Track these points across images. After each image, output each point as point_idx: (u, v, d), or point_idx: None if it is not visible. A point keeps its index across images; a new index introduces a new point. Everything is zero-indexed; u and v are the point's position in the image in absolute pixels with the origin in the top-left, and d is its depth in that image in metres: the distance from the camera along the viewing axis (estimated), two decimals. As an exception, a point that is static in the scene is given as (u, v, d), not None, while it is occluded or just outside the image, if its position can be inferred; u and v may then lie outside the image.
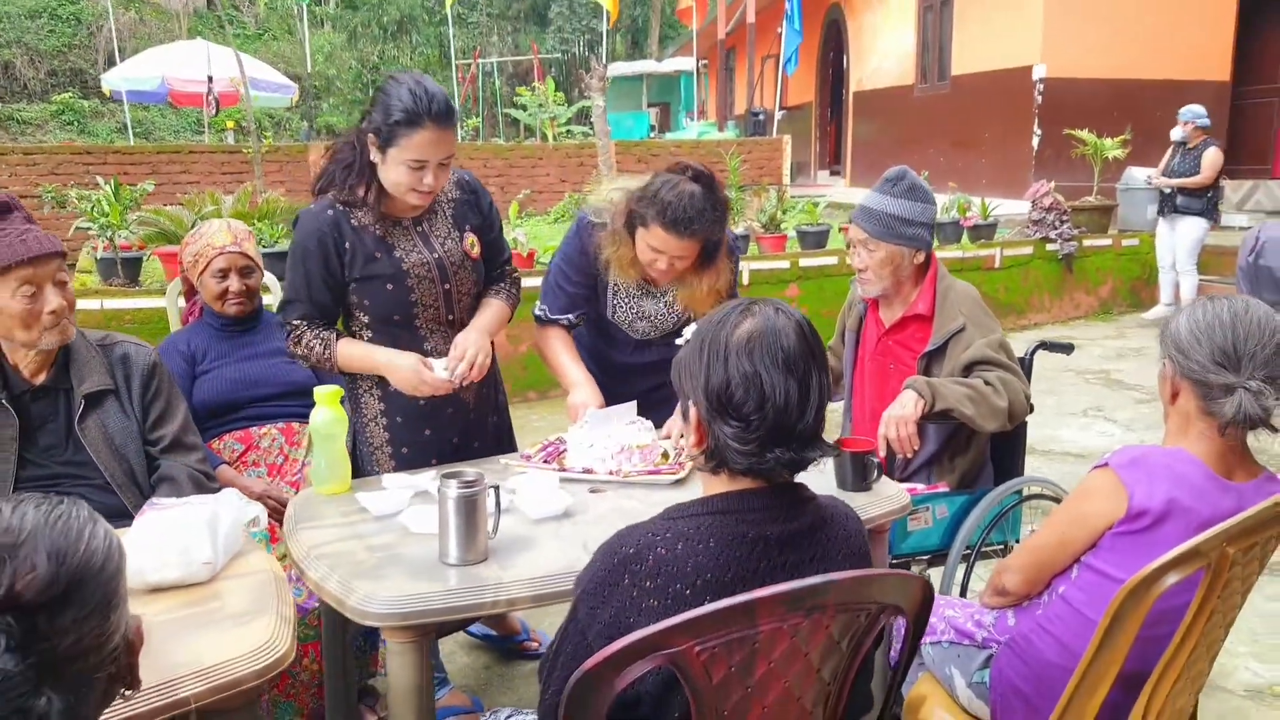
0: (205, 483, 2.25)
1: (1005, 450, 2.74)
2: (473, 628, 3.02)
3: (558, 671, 1.32)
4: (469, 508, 1.74)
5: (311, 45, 19.42)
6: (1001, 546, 2.50)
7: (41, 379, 2.14)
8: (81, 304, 5.25)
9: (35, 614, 0.88)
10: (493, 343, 2.47)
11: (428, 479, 2.16)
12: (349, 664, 2.26)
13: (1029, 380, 2.65)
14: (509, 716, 1.69)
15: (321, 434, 2.14)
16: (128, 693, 1.01)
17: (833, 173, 15.71)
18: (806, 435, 1.32)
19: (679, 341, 2.31)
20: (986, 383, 2.46)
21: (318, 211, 2.35)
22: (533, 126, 13.51)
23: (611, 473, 2.19)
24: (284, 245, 6.05)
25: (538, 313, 2.66)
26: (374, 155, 2.27)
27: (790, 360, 1.29)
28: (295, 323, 2.38)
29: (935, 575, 2.48)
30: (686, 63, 19.02)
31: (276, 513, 2.47)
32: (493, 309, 2.52)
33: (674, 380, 1.43)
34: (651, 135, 16.67)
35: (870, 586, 1.25)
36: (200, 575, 1.69)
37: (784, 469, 1.33)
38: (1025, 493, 2.54)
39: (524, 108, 13.38)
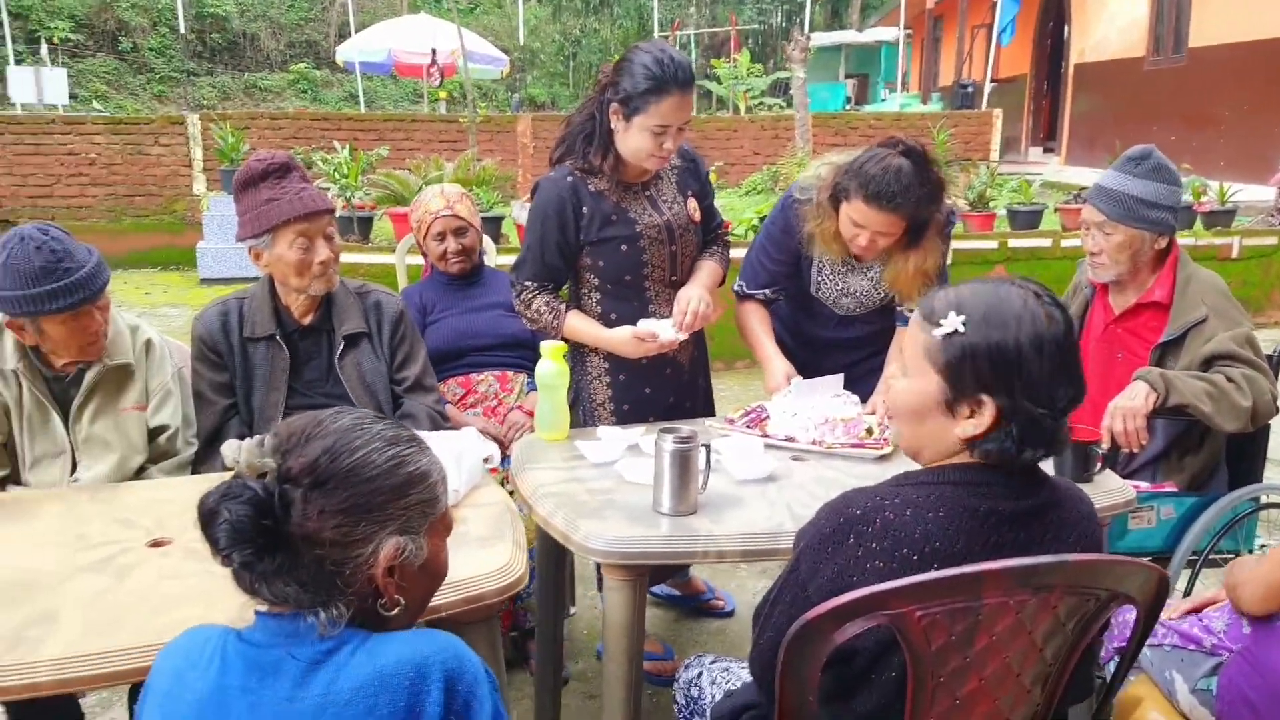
0: (440, 422, 2.49)
1: (1242, 454, 2.57)
2: (657, 588, 3.17)
3: (774, 619, 1.37)
4: (683, 462, 1.86)
5: (521, 18, 20.11)
6: (1232, 555, 2.37)
7: (309, 320, 2.42)
8: (323, 258, 5.77)
9: (293, 488, 1.07)
10: None
11: (639, 433, 2.31)
12: (561, 597, 2.45)
13: (1277, 380, 2.50)
14: (713, 662, 1.81)
15: (546, 384, 2.32)
16: (393, 613, 1.13)
17: (1046, 149, 14.88)
18: (1059, 425, 1.33)
19: (937, 335, 2.29)
20: (1229, 379, 2.33)
21: (557, 179, 2.50)
22: (726, 99, 13.52)
23: (814, 442, 2.25)
24: (498, 210, 6.41)
25: (736, 288, 2.75)
26: (615, 124, 2.40)
27: (1064, 350, 1.31)
28: (526, 284, 2.55)
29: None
30: (888, 33, 18.43)
31: None
32: (708, 269, 2.64)
33: (950, 373, 1.37)
34: (848, 108, 16.31)
35: (1104, 572, 1.25)
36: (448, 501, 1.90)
37: (1035, 455, 1.33)
38: (1263, 501, 2.41)
39: (719, 80, 13.39)
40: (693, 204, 2.61)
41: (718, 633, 3.07)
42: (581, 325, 2.54)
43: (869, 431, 2.28)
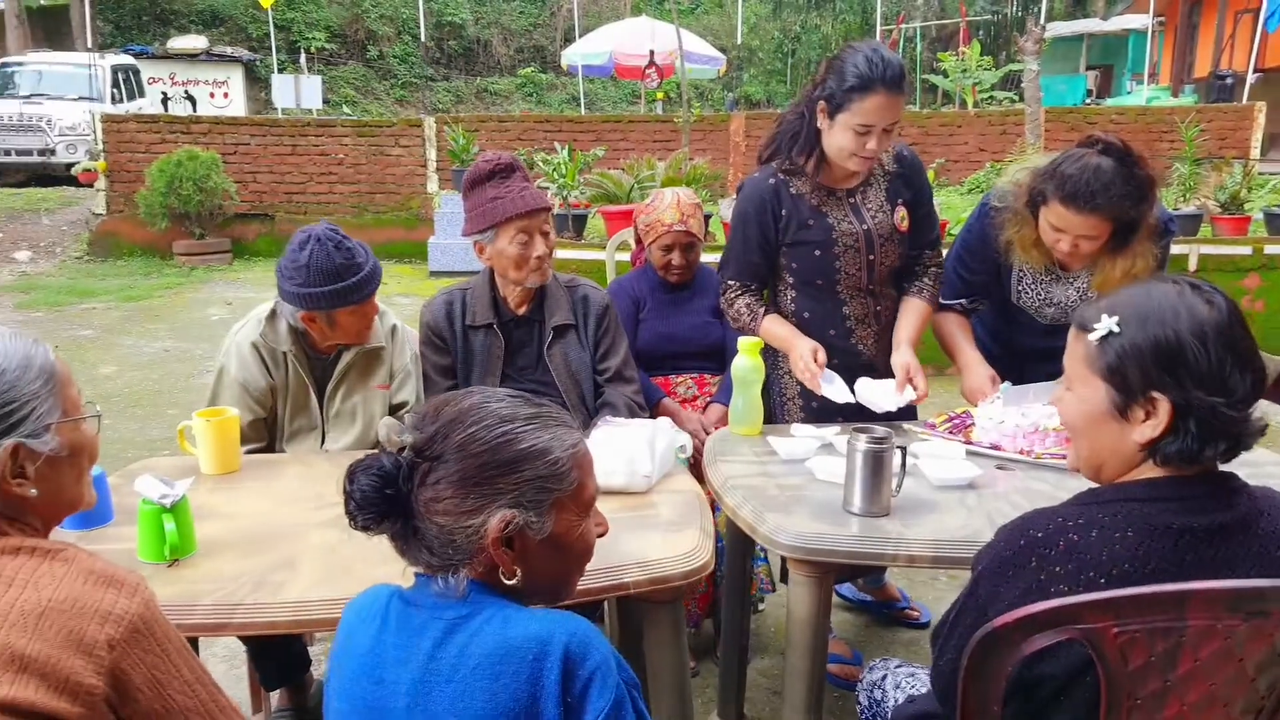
0: (638, 411, 2.57)
1: None
2: (847, 590, 3.13)
3: (954, 640, 1.34)
4: (876, 462, 1.85)
5: (740, 17, 20.17)
6: None
7: (523, 311, 2.57)
8: (539, 253, 6.07)
9: (419, 461, 1.16)
10: None
11: (832, 432, 2.30)
12: (747, 585, 2.49)
13: None
14: (898, 666, 1.79)
15: (741, 380, 2.36)
16: (510, 580, 1.19)
17: (1318, 147, 13.38)
18: (1245, 422, 1.25)
19: (1092, 339, 2.18)
20: None
21: (760, 179, 2.53)
22: (951, 93, 13.00)
23: (1022, 452, 2.17)
24: (707, 209, 6.49)
25: None
26: (821, 122, 2.38)
27: (1242, 346, 1.24)
28: (730, 282, 2.60)
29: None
30: (1137, 20, 17.11)
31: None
32: (916, 314, 2.54)
33: (1115, 377, 1.32)
34: (1088, 102, 15.29)
35: None
36: (639, 485, 1.98)
37: (1219, 457, 1.26)
38: None
39: (945, 73, 12.90)
40: (901, 213, 2.54)
41: (910, 643, 3.00)
42: (775, 330, 2.53)
43: (1082, 443, 2.16)
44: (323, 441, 2.43)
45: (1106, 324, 1.29)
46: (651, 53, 13.01)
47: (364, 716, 1.17)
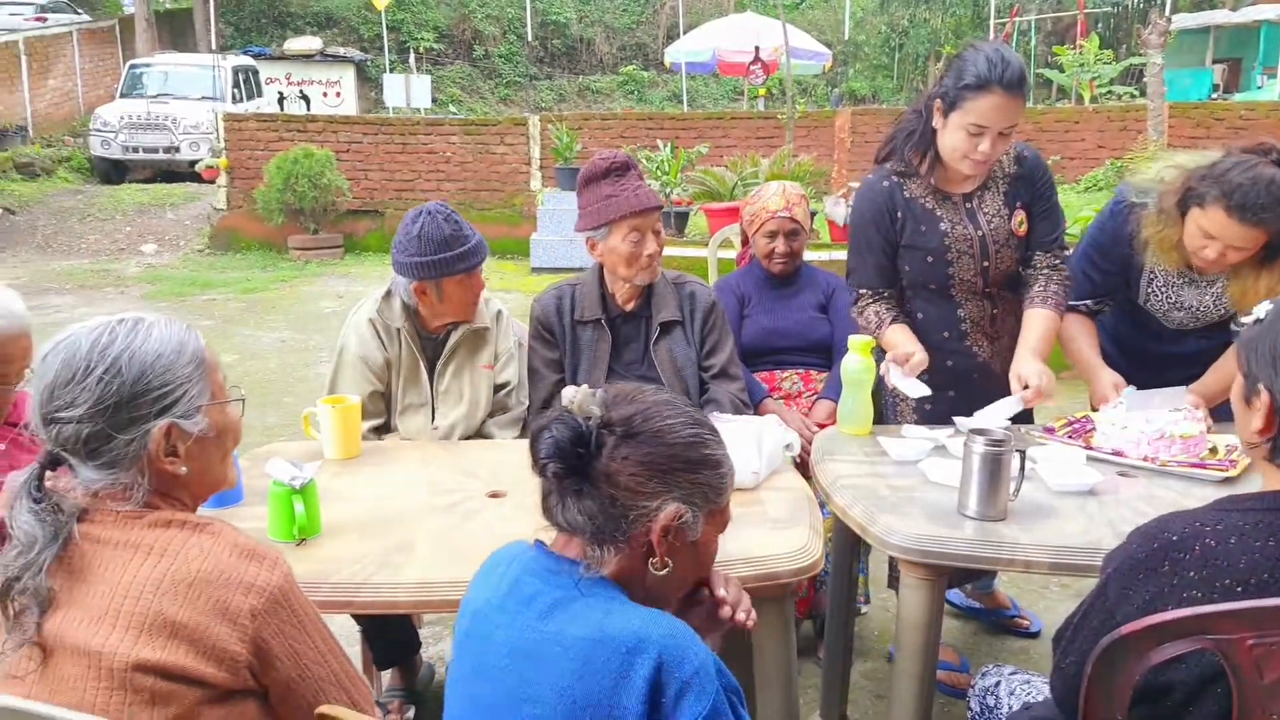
0: (742, 408, 2.57)
1: None
2: (955, 597, 3.06)
3: (1078, 644, 1.32)
4: (994, 465, 1.81)
5: (848, 12, 19.90)
6: None
7: (630, 306, 2.60)
8: (641, 250, 6.11)
9: (608, 434, 1.20)
10: None
11: (945, 434, 2.26)
12: (853, 591, 2.46)
13: None
14: (1013, 673, 1.75)
15: (852, 379, 2.33)
16: (660, 571, 1.22)
17: None
18: None
19: (1246, 320, 2.08)
20: None
21: (874, 180, 2.48)
22: (1067, 88, 12.57)
23: (1146, 459, 2.09)
24: (811, 206, 6.44)
25: None
26: (936, 121, 2.33)
27: None
28: (861, 291, 2.53)
29: None
30: (1271, 10, 16.22)
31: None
32: (1043, 324, 2.41)
33: (1242, 361, 1.34)
34: (1214, 96, 14.58)
35: None
36: (748, 482, 1.98)
37: None
38: None
39: (1061, 68, 12.48)
40: (1019, 217, 2.46)
41: (1020, 652, 2.92)
42: (896, 339, 2.44)
43: (1213, 451, 2.08)
44: (433, 417, 2.51)
45: (1259, 310, 1.30)
46: (757, 49, 12.94)
47: (474, 668, 1.21)
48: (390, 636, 2.51)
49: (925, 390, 2.28)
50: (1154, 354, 2.51)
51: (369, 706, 1.32)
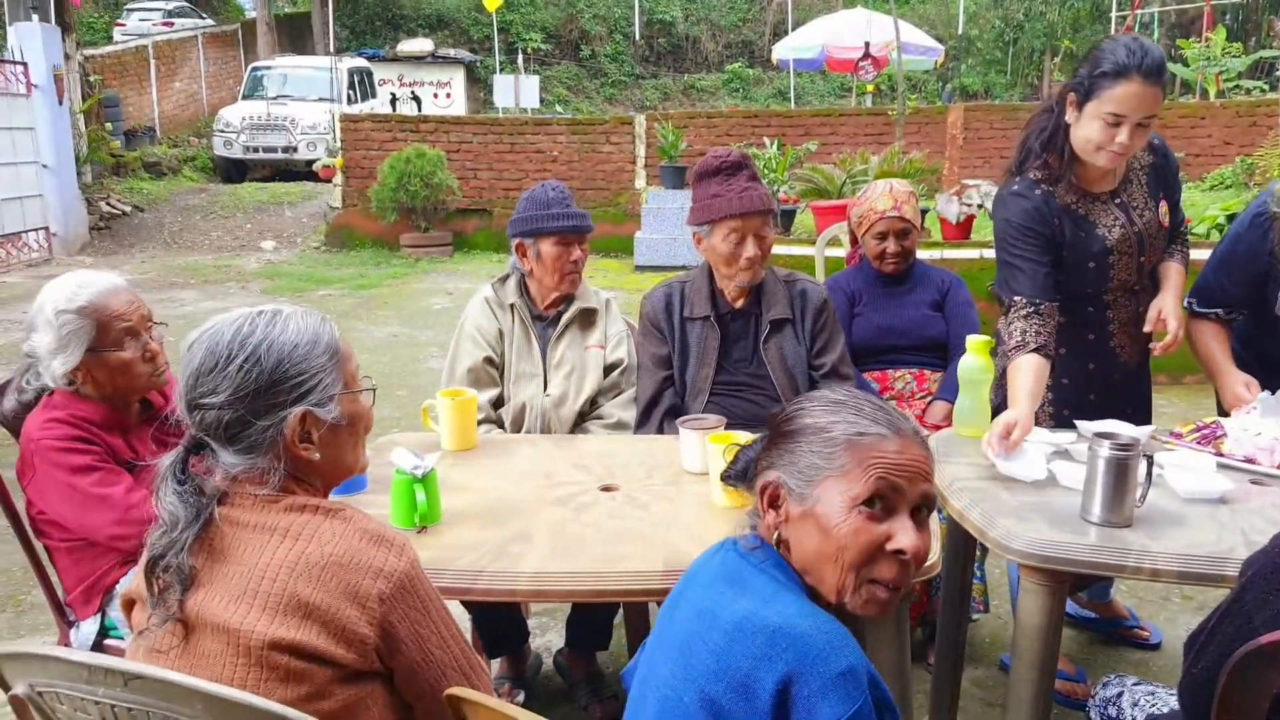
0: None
1: None
2: (1070, 607, 2.97)
3: (1211, 649, 1.29)
4: (1120, 470, 1.75)
5: (961, 5, 19.38)
6: None
7: (740, 304, 2.60)
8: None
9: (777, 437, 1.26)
10: None
11: (1069, 439, 2.19)
12: (967, 592, 2.42)
13: None
14: (1136, 684, 1.69)
15: (968, 379, 2.28)
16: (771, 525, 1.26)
17: None
18: None
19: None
20: None
21: (1025, 189, 2.33)
22: (1192, 82, 11.98)
23: (1279, 467, 2.00)
24: (923, 204, 6.31)
25: (1186, 303, 2.48)
26: (1070, 115, 2.25)
27: None
28: (1017, 299, 2.30)
29: None
30: None
31: None
32: (1176, 274, 2.45)
33: None
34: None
35: None
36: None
37: None
38: None
39: (1186, 61, 11.91)
40: (1164, 207, 2.39)
41: (1139, 664, 2.81)
42: (1020, 381, 2.20)
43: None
44: (545, 387, 2.65)
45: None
46: (866, 44, 12.73)
47: (667, 617, 1.26)
48: (500, 625, 2.58)
49: (1039, 474, 2.01)
50: None
51: (489, 692, 1.36)
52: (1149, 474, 1.80)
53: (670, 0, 22.97)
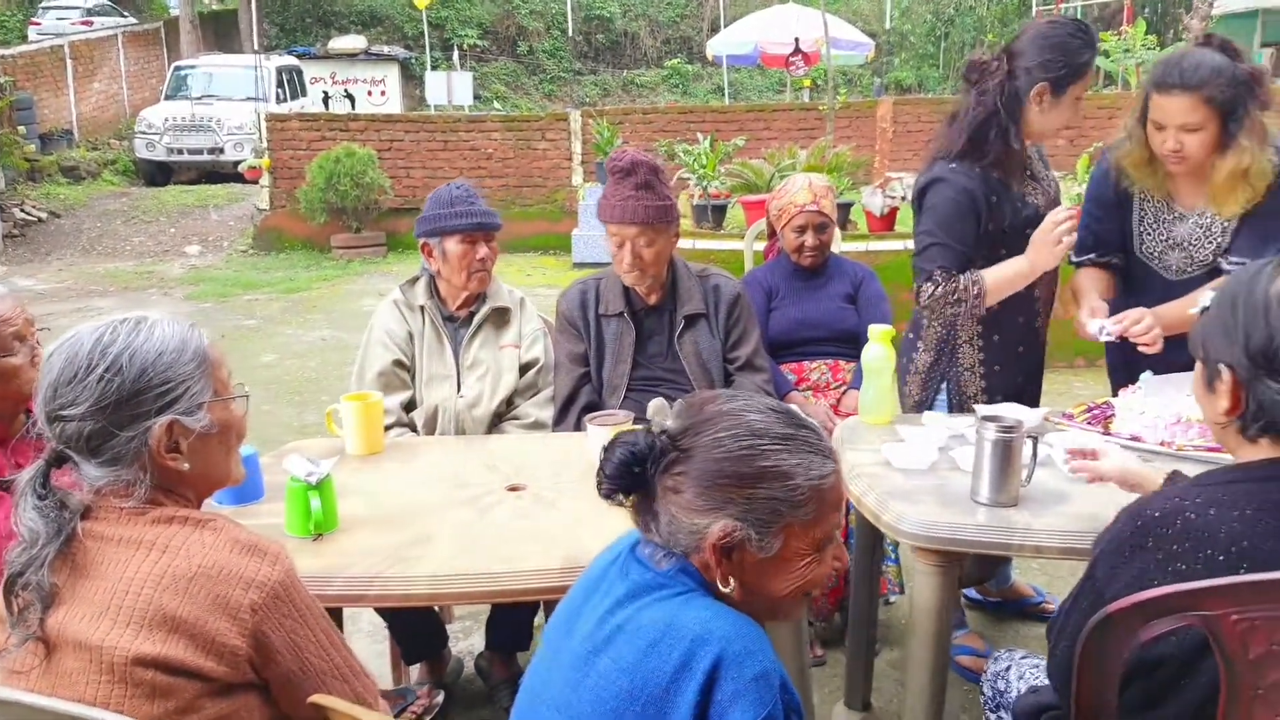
0: (766, 400, 2.59)
1: None
2: (972, 592, 3.07)
3: (1069, 628, 1.33)
4: (1005, 451, 1.81)
5: (892, 1, 19.64)
6: None
7: (654, 300, 2.63)
8: (678, 244, 6.12)
9: (670, 448, 1.20)
10: None
11: (964, 423, 2.25)
12: (875, 574, 2.48)
13: None
14: (1023, 657, 1.75)
15: (872, 368, 2.33)
16: (724, 588, 1.19)
17: None
18: None
19: (1193, 311, 2.04)
20: None
21: (963, 170, 2.40)
22: (1114, 74, 12.30)
23: (1163, 444, 2.07)
24: (848, 197, 6.40)
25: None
26: (1037, 106, 2.36)
27: None
28: (937, 270, 2.39)
29: None
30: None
31: None
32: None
33: (1195, 348, 1.36)
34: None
35: None
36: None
37: None
38: None
39: (1106, 53, 12.22)
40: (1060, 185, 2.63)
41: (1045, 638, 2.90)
42: (1000, 272, 2.38)
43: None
44: (458, 388, 2.64)
45: (1203, 300, 1.33)
46: (796, 40, 12.84)
47: (561, 631, 1.24)
48: (416, 631, 2.57)
49: (925, 462, 2.06)
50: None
51: (373, 699, 1.36)
52: (1034, 455, 1.86)
53: (607, -4, 22.98)
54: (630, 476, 1.20)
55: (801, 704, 1.17)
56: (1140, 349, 2.24)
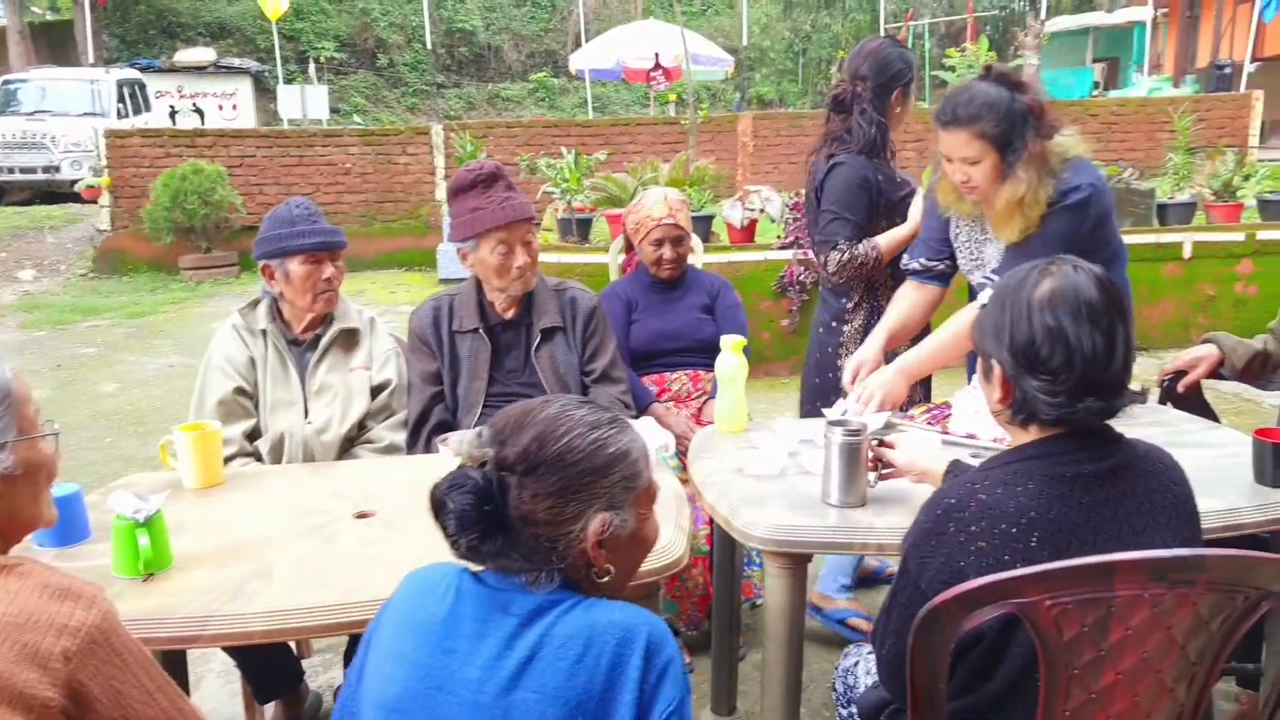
0: (624, 411, 2.59)
1: None
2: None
3: (894, 625, 1.39)
4: (850, 454, 1.86)
5: (749, 18, 20.13)
6: None
7: (510, 314, 2.60)
8: (542, 258, 6.08)
9: (509, 475, 1.18)
10: None
11: (816, 428, 2.30)
12: (736, 580, 2.50)
13: None
14: (869, 653, 1.79)
15: (725, 378, 2.37)
16: (604, 580, 1.22)
17: (1323, 132, 13.28)
18: (1115, 384, 1.35)
19: (973, 306, 2.21)
20: None
21: (856, 161, 2.82)
22: (961, 88, 12.96)
23: (995, 440, 2.17)
24: (709, 210, 6.50)
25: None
26: (898, 107, 2.86)
27: (1093, 312, 1.33)
28: (842, 242, 2.82)
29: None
30: (1141, 12, 17.02)
31: None
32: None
33: (975, 341, 1.49)
34: (1095, 94, 15.17)
35: (1254, 570, 1.19)
36: (617, 487, 1.98)
37: (1093, 417, 1.36)
38: None
39: (952, 69, 12.87)
40: None
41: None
42: (892, 235, 2.85)
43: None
44: (306, 414, 2.53)
45: (982, 297, 1.42)
46: (657, 55, 13.02)
47: (423, 680, 1.17)
48: (267, 668, 2.46)
49: (775, 468, 2.12)
50: None
51: None
52: (874, 459, 1.92)
53: (469, 9, 22.73)
54: (486, 519, 1.16)
55: None
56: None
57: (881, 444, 1.94)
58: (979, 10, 18.79)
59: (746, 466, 2.09)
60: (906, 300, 2.65)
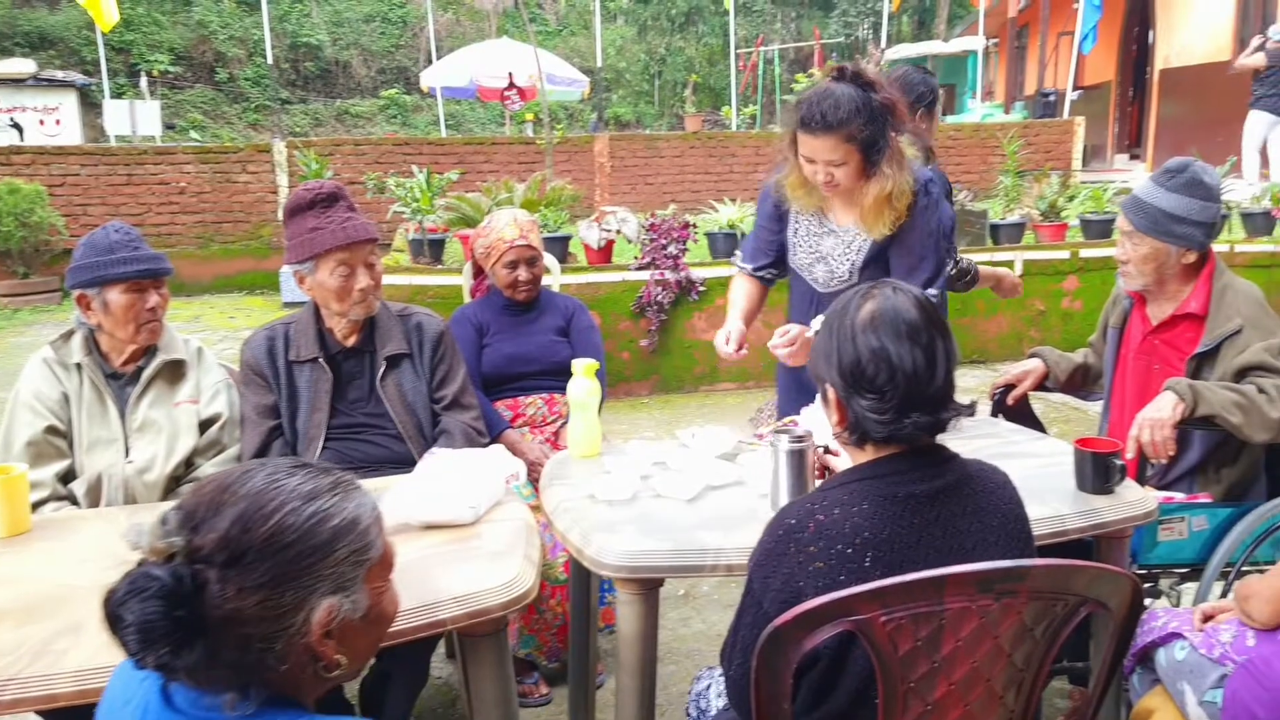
0: (476, 438, 2.54)
1: (1283, 464, 2.48)
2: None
3: (740, 646, 1.41)
4: (798, 462, 1.86)
5: (604, 40, 20.34)
6: (1268, 565, 2.29)
7: (352, 342, 2.50)
8: (393, 280, 5.92)
9: (207, 567, 0.98)
10: None
11: (668, 449, 2.30)
12: (592, 609, 2.46)
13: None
14: (721, 674, 1.79)
15: (578, 402, 2.34)
16: (334, 674, 1.05)
17: (1132, 156, 14.38)
18: (939, 398, 1.40)
19: (809, 334, 2.31)
20: (1260, 390, 2.26)
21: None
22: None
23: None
24: (565, 230, 6.49)
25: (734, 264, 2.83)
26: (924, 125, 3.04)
27: (913, 331, 1.38)
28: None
29: (1190, 590, 2.31)
30: (974, 42, 18.04)
31: None
32: None
33: (810, 369, 1.53)
34: (933, 120, 15.96)
35: (1072, 577, 1.25)
36: (465, 517, 1.93)
37: (922, 432, 1.40)
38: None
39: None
40: None
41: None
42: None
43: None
44: (126, 453, 2.36)
45: (815, 324, 1.47)
46: (511, 75, 12.96)
47: None
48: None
49: (626, 493, 2.09)
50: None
51: None
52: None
53: (314, 23, 22.07)
54: (179, 628, 0.95)
55: None
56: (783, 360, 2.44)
57: (828, 451, 1.96)
58: (825, 38, 19.61)
59: (599, 492, 2.06)
60: (743, 290, 2.78)
